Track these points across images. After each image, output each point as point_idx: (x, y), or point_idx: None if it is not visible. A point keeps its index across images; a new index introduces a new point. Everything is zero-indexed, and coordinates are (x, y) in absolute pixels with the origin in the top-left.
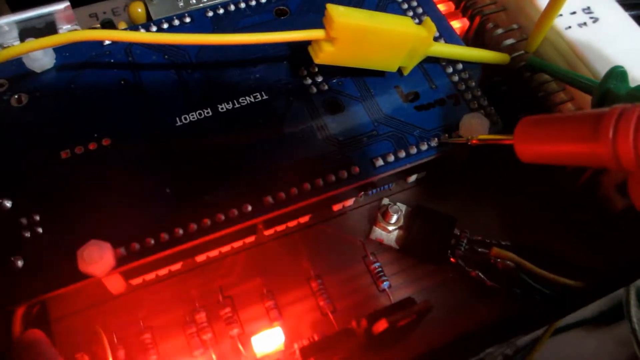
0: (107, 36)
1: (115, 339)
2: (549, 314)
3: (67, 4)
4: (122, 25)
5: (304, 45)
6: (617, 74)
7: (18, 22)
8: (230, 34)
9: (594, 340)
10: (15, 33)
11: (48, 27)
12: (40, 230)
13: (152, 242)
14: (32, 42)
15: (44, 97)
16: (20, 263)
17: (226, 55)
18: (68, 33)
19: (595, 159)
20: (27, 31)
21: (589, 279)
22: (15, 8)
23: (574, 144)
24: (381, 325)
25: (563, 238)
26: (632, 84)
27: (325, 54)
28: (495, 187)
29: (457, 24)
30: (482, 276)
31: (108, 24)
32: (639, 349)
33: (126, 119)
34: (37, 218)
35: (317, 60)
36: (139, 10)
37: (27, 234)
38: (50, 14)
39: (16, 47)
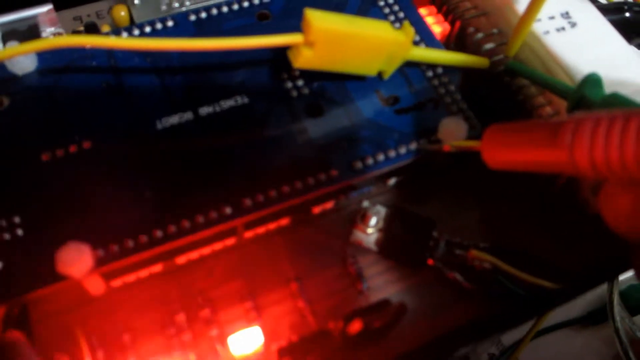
0: (93, 42)
1: (95, 340)
2: (525, 315)
3: (50, 7)
4: (106, 28)
5: (285, 49)
6: (592, 81)
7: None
8: (207, 39)
9: (580, 340)
10: None
11: (31, 30)
12: (19, 232)
13: (131, 243)
14: (15, 48)
15: (25, 100)
16: None
17: (208, 59)
18: (55, 38)
19: (557, 166)
20: (9, 34)
21: (569, 279)
22: None
23: (536, 151)
24: (356, 325)
25: (543, 239)
26: (610, 89)
27: (304, 59)
28: (476, 189)
29: (438, 29)
30: (460, 278)
31: (92, 27)
32: (622, 348)
33: (108, 121)
34: (17, 220)
35: (296, 65)
36: (122, 13)
37: (7, 236)
38: (33, 17)
39: None
